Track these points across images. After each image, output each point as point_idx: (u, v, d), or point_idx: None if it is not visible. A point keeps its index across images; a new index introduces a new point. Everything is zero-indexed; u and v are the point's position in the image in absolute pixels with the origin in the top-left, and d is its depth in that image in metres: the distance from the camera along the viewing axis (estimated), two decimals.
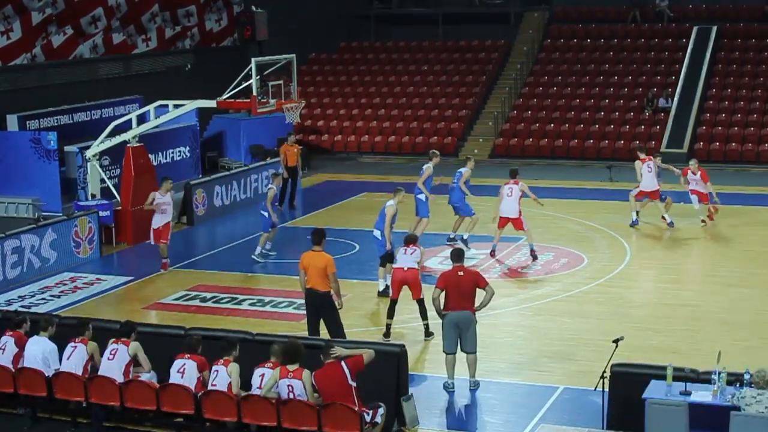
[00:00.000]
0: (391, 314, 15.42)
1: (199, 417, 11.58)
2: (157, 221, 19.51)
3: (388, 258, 17.18)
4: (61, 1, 27.66)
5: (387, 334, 15.34)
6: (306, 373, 11.07)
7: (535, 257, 19.71)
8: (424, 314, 15.28)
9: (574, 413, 12.48)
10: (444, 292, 13.14)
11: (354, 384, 10.98)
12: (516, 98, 35.36)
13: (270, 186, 20.46)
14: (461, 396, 13.21)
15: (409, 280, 15.28)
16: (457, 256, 13.42)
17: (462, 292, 13.08)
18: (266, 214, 19.98)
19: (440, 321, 13.33)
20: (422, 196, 20.45)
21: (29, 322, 12.98)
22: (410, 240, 15.75)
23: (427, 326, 15.34)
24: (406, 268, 15.31)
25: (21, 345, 12.60)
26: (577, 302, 17.19)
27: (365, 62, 39.00)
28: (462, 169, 21.09)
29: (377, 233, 17.53)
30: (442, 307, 13.14)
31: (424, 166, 20.74)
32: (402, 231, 17.97)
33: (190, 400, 11.57)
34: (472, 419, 12.73)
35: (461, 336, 13.11)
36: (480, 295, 13.25)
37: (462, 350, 13.18)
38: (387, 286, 17.11)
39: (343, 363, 11.02)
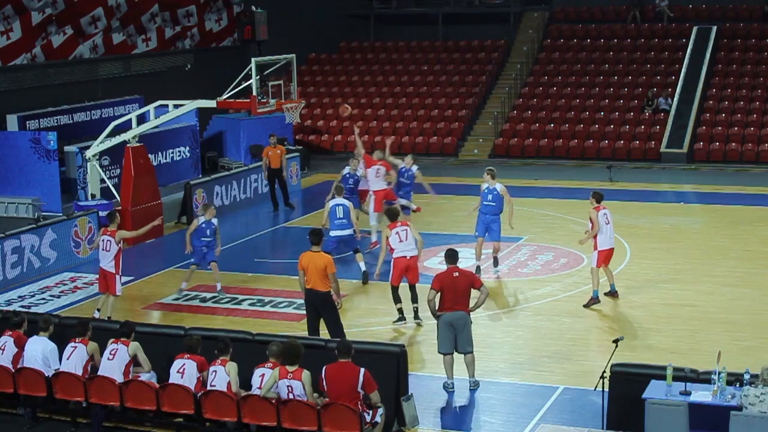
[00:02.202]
0: (398, 299, 15.94)
1: (199, 417, 11.59)
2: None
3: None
4: (61, 1, 27.66)
5: (402, 318, 15.89)
6: (306, 373, 11.06)
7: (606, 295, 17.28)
8: (415, 298, 15.85)
9: (574, 413, 12.48)
10: (439, 293, 13.14)
11: (361, 393, 10.99)
12: (516, 98, 35.36)
13: (200, 216, 17.91)
14: (461, 396, 13.21)
15: (411, 267, 15.92)
16: (452, 257, 13.41)
17: (457, 293, 13.09)
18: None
19: (435, 322, 13.37)
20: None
21: (27, 321, 12.98)
22: (393, 216, 16.24)
23: (416, 309, 15.90)
24: (408, 257, 15.89)
25: (20, 345, 12.60)
26: (577, 302, 17.17)
27: (365, 62, 39.00)
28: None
29: (345, 232, 17.94)
30: (437, 308, 13.15)
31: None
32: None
33: (190, 400, 11.57)
34: (472, 419, 12.72)
35: (457, 336, 13.11)
36: (475, 295, 13.25)
37: (458, 351, 13.19)
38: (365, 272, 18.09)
39: (362, 370, 11.01)
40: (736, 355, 13.50)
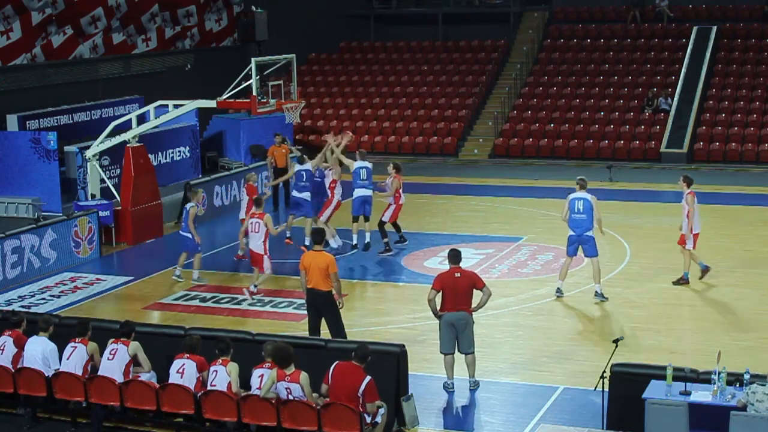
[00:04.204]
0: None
1: (199, 417, 11.59)
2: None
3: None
4: (61, 1, 27.66)
5: (390, 249, 20.22)
6: (303, 376, 11.03)
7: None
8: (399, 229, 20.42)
9: (574, 413, 12.48)
10: (440, 293, 13.13)
11: (361, 398, 10.96)
12: (516, 98, 35.36)
13: (192, 204, 18.45)
14: (461, 396, 13.22)
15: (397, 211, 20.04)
16: (455, 257, 13.40)
17: (459, 294, 13.07)
18: (189, 235, 18.44)
19: (436, 322, 13.38)
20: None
21: (26, 321, 12.97)
22: (399, 169, 20.64)
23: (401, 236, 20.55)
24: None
25: (20, 345, 12.59)
26: (577, 302, 17.19)
27: (365, 62, 39.00)
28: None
29: (367, 192, 20.12)
30: (437, 309, 13.14)
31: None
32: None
33: (190, 400, 11.57)
34: (472, 419, 12.73)
35: (458, 336, 13.11)
36: (477, 296, 13.24)
37: (459, 351, 13.19)
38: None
39: (368, 378, 10.98)
40: (736, 355, 13.51)
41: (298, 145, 31.38)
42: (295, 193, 21.06)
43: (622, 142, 32.12)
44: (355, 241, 20.07)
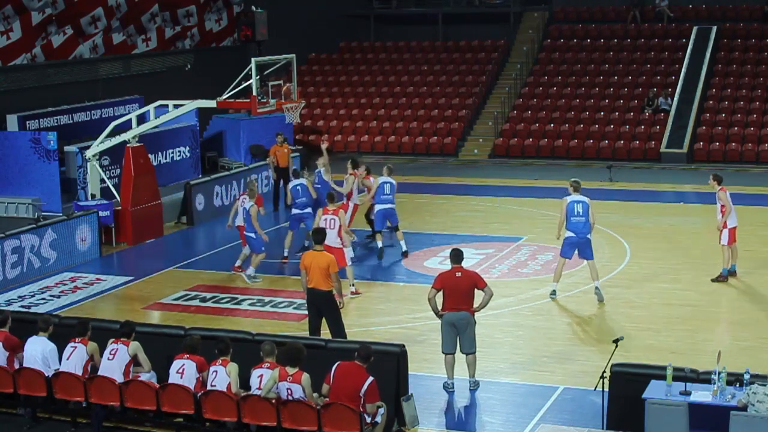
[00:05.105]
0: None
1: (199, 417, 11.58)
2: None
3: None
4: (61, 1, 27.66)
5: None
6: (305, 377, 11.03)
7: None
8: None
9: (574, 413, 12.48)
10: (441, 292, 13.13)
11: (362, 398, 10.95)
12: (516, 98, 35.36)
13: (251, 204, 18.46)
14: (461, 396, 13.21)
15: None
16: (457, 257, 13.39)
17: (459, 294, 13.05)
18: (253, 235, 18.50)
19: (437, 322, 13.38)
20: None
21: (27, 321, 12.92)
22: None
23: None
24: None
25: (9, 346, 12.46)
26: (577, 302, 17.18)
27: (365, 62, 39.01)
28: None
29: (388, 206, 19.93)
30: (439, 308, 13.14)
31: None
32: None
33: (190, 400, 11.57)
34: (472, 419, 12.73)
35: (460, 336, 13.11)
36: (479, 296, 13.24)
37: (461, 351, 13.19)
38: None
39: (370, 378, 10.97)
40: (736, 355, 13.51)
41: (298, 145, 31.48)
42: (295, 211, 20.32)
43: (622, 142, 32.12)
44: (381, 245, 20.13)
